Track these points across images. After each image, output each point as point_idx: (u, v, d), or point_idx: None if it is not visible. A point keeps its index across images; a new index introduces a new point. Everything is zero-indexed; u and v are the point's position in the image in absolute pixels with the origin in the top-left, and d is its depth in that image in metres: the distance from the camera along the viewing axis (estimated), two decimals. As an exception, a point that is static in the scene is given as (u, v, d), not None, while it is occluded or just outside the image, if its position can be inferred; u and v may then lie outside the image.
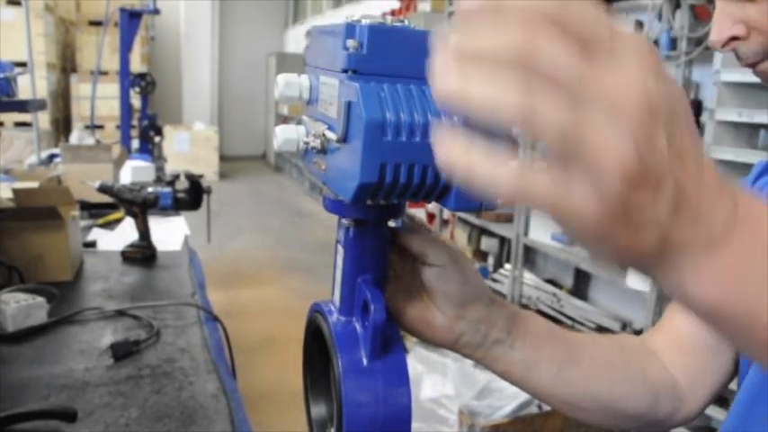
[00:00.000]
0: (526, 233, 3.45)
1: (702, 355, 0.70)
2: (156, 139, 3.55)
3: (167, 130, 6.84)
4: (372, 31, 0.43)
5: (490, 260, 3.97)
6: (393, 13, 5.90)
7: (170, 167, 3.33)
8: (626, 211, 0.28)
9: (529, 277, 3.57)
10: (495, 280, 3.69)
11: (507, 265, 3.70)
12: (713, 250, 0.31)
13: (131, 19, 3.26)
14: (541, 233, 3.35)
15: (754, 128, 2.31)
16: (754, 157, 2.00)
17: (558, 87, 0.27)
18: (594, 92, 0.27)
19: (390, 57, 0.44)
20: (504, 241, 3.87)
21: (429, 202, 0.48)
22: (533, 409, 2.33)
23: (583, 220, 0.28)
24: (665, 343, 0.71)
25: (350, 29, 0.44)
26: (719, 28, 0.62)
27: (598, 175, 0.27)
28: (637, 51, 0.28)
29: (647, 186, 0.28)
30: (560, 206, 0.28)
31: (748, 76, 0.68)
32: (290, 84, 0.51)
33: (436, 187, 0.45)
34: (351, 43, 0.43)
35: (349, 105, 0.43)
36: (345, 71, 0.44)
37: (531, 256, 3.77)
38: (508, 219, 3.63)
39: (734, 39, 0.62)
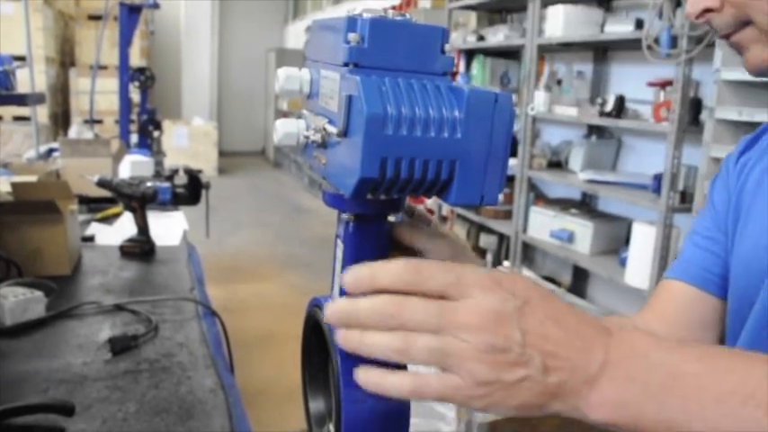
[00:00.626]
0: (525, 230, 3.45)
1: (690, 330, 0.75)
2: (155, 133, 3.54)
3: (166, 125, 6.84)
4: (374, 24, 0.43)
5: (489, 257, 3.98)
6: (394, 9, 5.90)
7: (169, 162, 3.32)
8: (499, 382, 0.41)
9: (527, 274, 3.57)
10: (493, 277, 3.70)
11: (506, 262, 3.70)
12: (595, 385, 0.42)
13: (131, 13, 3.24)
14: (540, 230, 3.35)
15: (754, 126, 2.30)
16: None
17: (423, 329, 0.41)
18: (453, 323, 0.41)
19: (391, 50, 0.44)
20: (502, 238, 3.87)
21: (429, 197, 0.47)
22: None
23: (464, 393, 0.42)
24: (654, 320, 0.76)
25: (351, 22, 0.44)
26: (694, 0, 0.65)
27: (466, 370, 0.41)
28: (479, 284, 0.42)
29: (513, 365, 0.41)
30: (444, 390, 0.42)
31: (749, 75, 0.68)
32: (290, 77, 0.51)
33: (437, 182, 0.45)
34: (352, 37, 0.43)
35: (350, 99, 0.42)
36: (347, 65, 0.44)
37: (529, 253, 3.78)
38: (507, 215, 3.63)
39: (708, 11, 0.65)
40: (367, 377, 0.44)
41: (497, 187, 0.46)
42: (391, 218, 0.53)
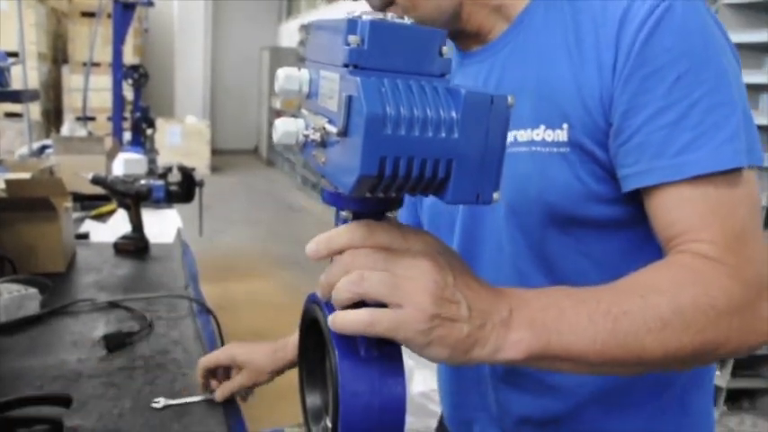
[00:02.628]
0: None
1: None
2: (149, 131, 3.53)
3: (159, 122, 6.80)
4: (374, 26, 0.44)
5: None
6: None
7: (162, 160, 3.31)
8: (439, 317, 0.49)
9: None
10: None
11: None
12: (510, 327, 0.52)
13: (125, 10, 3.24)
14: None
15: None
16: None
17: (375, 269, 0.49)
18: (400, 265, 0.49)
19: (391, 52, 0.45)
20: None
21: (426, 195, 0.49)
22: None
23: (413, 326, 0.48)
24: None
25: (351, 24, 0.44)
26: None
27: (414, 302, 0.48)
28: (423, 241, 0.51)
29: (450, 302, 0.49)
30: (395, 322, 0.48)
31: (749, 77, 0.72)
32: (290, 77, 0.51)
33: (434, 180, 0.46)
34: (352, 39, 0.44)
35: (350, 99, 0.43)
36: (347, 66, 0.45)
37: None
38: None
39: None
40: (334, 319, 0.50)
41: (492, 186, 0.47)
42: (389, 215, 0.54)
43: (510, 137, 0.68)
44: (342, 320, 0.50)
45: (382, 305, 0.49)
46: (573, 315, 0.54)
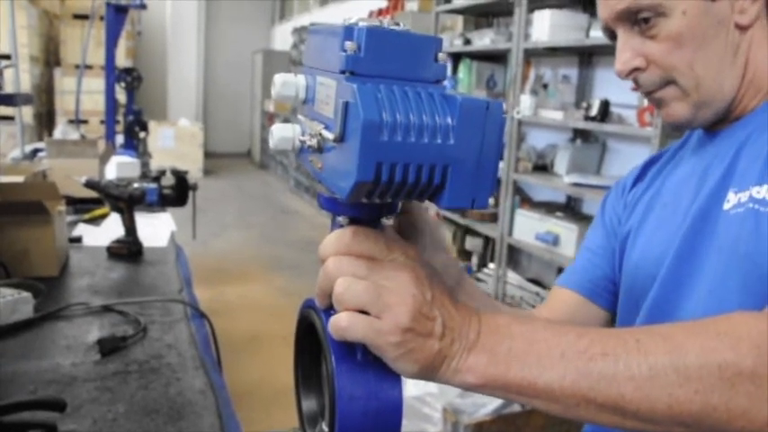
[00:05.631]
0: (510, 233, 3.48)
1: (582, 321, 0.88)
2: (141, 134, 3.52)
3: (152, 125, 6.77)
4: (370, 33, 0.45)
5: (474, 259, 4.00)
6: (381, 12, 5.91)
7: (155, 164, 3.31)
8: (413, 331, 0.49)
9: (512, 276, 3.60)
10: (478, 279, 3.72)
11: (491, 265, 3.72)
12: (473, 351, 0.51)
13: (117, 13, 3.22)
14: (525, 233, 3.38)
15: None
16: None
17: (357, 277, 0.49)
18: (382, 275, 0.49)
19: (387, 59, 0.46)
20: (488, 241, 3.90)
21: (422, 201, 0.49)
22: (516, 408, 2.36)
23: (386, 337, 0.48)
24: (552, 315, 0.88)
25: (348, 31, 0.45)
26: (623, 59, 0.75)
27: (391, 314, 0.48)
28: (406, 254, 0.52)
29: (426, 318, 0.49)
30: (371, 331, 0.49)
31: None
32: (286, 83, 0.52)
33: (430, 186, 0.46)
34: (349, 45, 0.45)
35: (346, 106, 0.44)
36: (343, 72, 0.45)
37: (515, 256, 3.81)
38: (493, 218, 3.66)
39: (636, 70, 0.75)
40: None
41: (488, 191, 0.47)
42: (385, 221, 0.54)
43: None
44: (331, 324, 0.51)
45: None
46: (544, 348, 0.51)
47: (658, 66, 0.74)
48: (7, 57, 3.35)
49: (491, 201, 0.48)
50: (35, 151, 3.09)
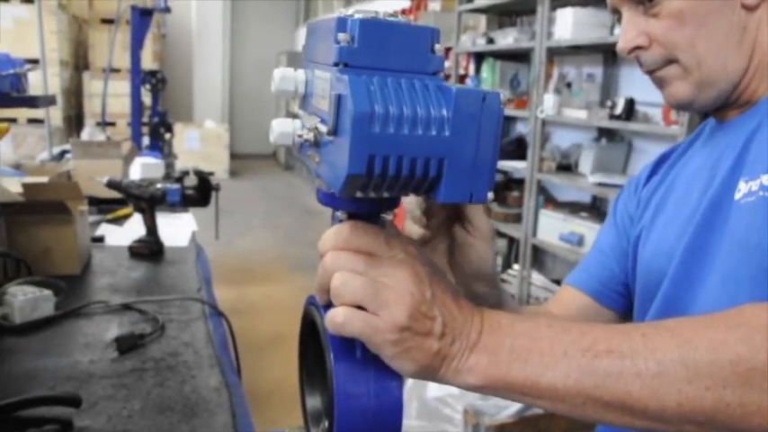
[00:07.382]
0: (534, 233, 3.44)
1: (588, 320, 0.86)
2: (167, 136, 3.57)
3: (178, 127, 6.87)
4: (363, 25, 0.44)
5: (498, 260, 3.97)
6: (404, 12, 5.90)
7: (180, 165, 3.34)
8: (410, 330, 0.48)
9: (537, 278, 3.56)
10: (503, 280, 3.69)
11: (515, 266, 3.69)
12: (474, 350, 0.50)
13: (142, 17, 3.27)
14: (550, 234, 3.34)
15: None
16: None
17: (355, 272, 0.48)
18: (380, 271, 0.48)
19: (382, 50, 0.45)
20: (512, 241, 3.86)
21: (419, 195, 0.48)
22: (539, 410, 2.33)
23: (382, 335, 0.47)
24: (559, 312, 0.88)
25: (341, 23, 0.44)
26: (626, 37, 0.74)
27: (388, 311, 0.47)
28: (405, 250, 0.50)
29: (425, 317, 0.48)
30: (367, 327, 0.48)
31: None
32: (285, 78, 0.51)
33: (425, 180, 0.45)
34: (342, 37, 0.44)
35: (339, 98, 0.43)
36: (337, 64, 0.44)
37: (539, 257, 3.77)
38: (516, 219, 3.63)
39: (638, 48, 0.74)
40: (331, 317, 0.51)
41: (486, 185, 0.46)
42: (385, 216, 0.53)
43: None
44: (327, 319, 0.50)
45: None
46: (547, 346, 0.49)
47: (660, 44, 0.73)
48: (37, 61, 3.41)
49: (491, 195, 0.47)
50: (63, 153, 3.15)
